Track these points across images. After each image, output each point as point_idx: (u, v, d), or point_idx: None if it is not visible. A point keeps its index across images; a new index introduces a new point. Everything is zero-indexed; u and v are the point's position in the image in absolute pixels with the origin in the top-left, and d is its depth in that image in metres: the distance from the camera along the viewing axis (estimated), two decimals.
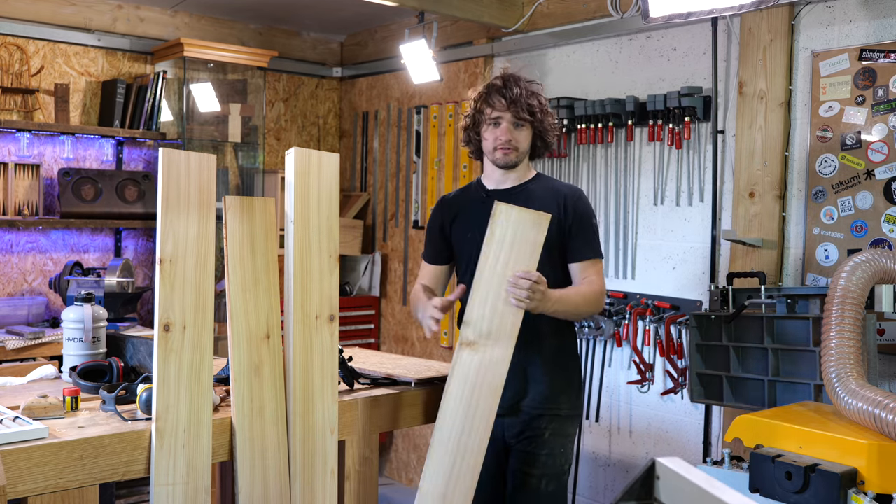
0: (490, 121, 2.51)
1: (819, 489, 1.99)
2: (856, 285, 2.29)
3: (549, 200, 2.50)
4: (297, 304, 2.21)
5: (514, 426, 2.52)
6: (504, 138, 2.49)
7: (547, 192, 2.54)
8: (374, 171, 5.14)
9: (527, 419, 2.50)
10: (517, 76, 2.52)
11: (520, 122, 2.49)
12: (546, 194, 2.53)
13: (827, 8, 3.12)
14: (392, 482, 4.94)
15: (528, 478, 2.49)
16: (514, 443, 2.53)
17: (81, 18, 4.36)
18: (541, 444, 2.49)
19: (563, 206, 2.51)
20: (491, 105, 2.50)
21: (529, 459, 2.50)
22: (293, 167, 2.22)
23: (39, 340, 3.71)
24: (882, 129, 2.96)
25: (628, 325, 3.66)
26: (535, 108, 2.49)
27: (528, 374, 2.51)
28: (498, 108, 2.48)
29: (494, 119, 2.50)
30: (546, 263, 2.42)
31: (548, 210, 2.42)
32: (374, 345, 5.03)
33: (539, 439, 2.49)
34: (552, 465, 2.50)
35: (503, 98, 2.47)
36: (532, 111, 2.48)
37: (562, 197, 2.53)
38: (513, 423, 2.52)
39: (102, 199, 4.24)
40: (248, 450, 2.12)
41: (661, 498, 1.13)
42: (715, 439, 3.39)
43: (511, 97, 2.46)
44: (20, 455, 1.80)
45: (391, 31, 4.96)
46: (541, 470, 2.49)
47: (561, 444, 2.52)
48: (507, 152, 2.50)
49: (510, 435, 2.53)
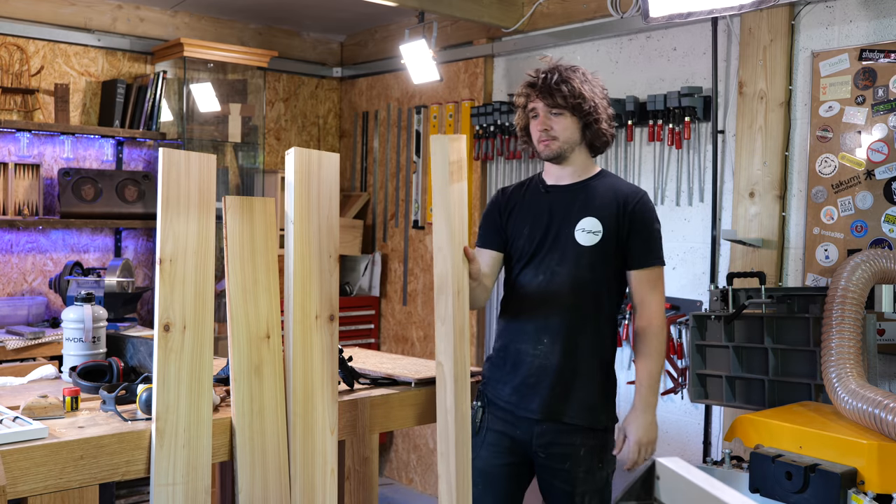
0: (531, 115, 2.42)
1: (819, 489, 1.99)
2: (856, 285, 2.29)
3: (609, 200, 2.37)
4: (297, 304, 2.21)
5: (544, 434, 2.36)
6: (541, 127, 2.38)
7: (608, 191, 2.39)
8: (374, 171, 5.14)
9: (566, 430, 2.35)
10: (556, 66, 2.41)
11: (556, 111, 2.37)
12: (607, 193, 2.39)
13: (827, 8, 3.12)
14: (392, 482, 4.94)
15: (570, 496, 2.37)
16: (544, 454, 2.38)
17: (81, 18, 4.36)
18: (578, 461, 2.35)
19: (622, 207, 2.36)
20: (528, 98, 2.41)
21: (566, 477, 2.36)
22: (293, 167, 2.22)
23: (39, 340, 3.71)
24: (882, 129, 2.96)
25: (628, 325, 3.66)
26: (566, 93, 2.34)
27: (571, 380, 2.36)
28: (532, 100, 2.40)
29: (532, 112, 2.41)
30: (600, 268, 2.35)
31: (606, 211, 2.34)
32: (374, 345, 5.03)
33: (576, 457, 2.35)
34: (591, 480, 2.37)
35: (535, 89, 2.38)
36: (563, 96, 2.33)
37: (622, 197, 2.37)
38: (544, 430, 2.36)
39: (102, 199, 4.24)
40: (248, 450, 2.12)
41: (661, 498, 1.13)
42: (715, 439, 3.39)
43: (541, 86, 2.37)
44: (20, 455, 1.80)
45: (391, 31, 4.96)
46: (582, 487, 2.36)
47: (599, 458, 2.39)
48: (547, 143, 2.38)
49: (539, 444, 2.37)
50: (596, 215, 2.36)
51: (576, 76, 2.38)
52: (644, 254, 2.37)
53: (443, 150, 2.16)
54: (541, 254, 2.39)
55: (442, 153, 2.16)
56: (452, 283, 2.12)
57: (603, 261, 2.35)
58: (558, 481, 2.38)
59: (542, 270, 2.38)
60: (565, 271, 2.35)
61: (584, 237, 2.35)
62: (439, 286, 2.14)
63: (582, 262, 2.34)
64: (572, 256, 2.35)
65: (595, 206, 2.36)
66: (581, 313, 2.36)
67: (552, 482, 2.40)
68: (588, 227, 2.35)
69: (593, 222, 2.35)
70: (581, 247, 2.34)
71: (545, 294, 2.37)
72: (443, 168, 2.16)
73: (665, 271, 3.53)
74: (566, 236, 2.36)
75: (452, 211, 2.17)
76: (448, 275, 2.11)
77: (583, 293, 2.35)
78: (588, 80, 2.41)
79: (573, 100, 2.35)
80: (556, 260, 2.36)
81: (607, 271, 2.37)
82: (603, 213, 2.36)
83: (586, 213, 2.36)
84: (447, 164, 2.15)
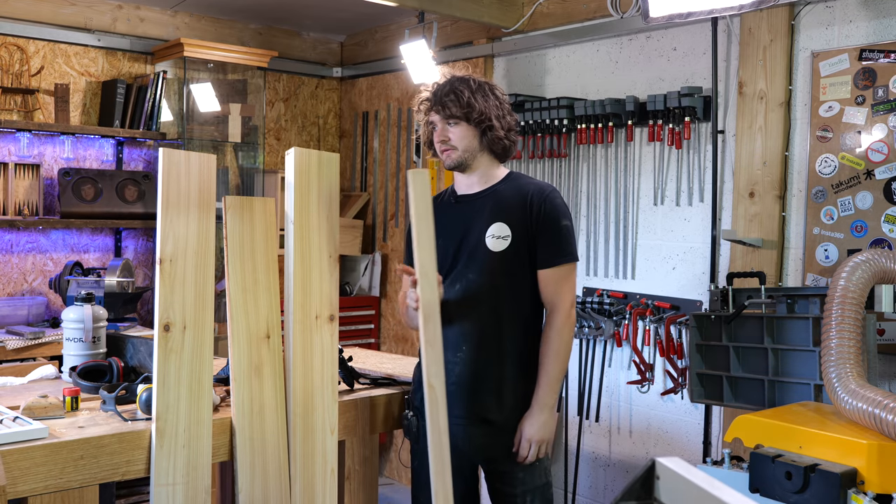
0: (430, 128, 2.44)
1: (819, 489, 1.99)
2: (856, 285, 2.29)
3: (516, 202, 2.38)
4: (297, 304, 2.21)
5: (478, 437, 2.38)
6: (438, 139, 2.40)
7: (515, 194, 2.40)
8: (374, 171, 5.14)
9: (495, 431, 2.38)
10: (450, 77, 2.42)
11: (452, 121, 2.38)
12: (514, 196, 2.39)
13: (827, 8, 3.12)
14: (392, 482, 4.94)
15: (511, 498, 2.39)
16: (482, 458, 2.43)
17: (81, 18, 4.36)
18: (514, 462, 2.37)
19: (528, 207, 2.36)
20: (427, 113, 2.43)
21: (507, 478, 2.39)
22: (293, 167, 2.22)
23: (39, 340, 3.71)
24: (882, 129, 2.96)
25: (628, 325, 3.66)
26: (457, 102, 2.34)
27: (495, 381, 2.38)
28: (429, 114, 2.42)
29: (431, 124, 2.43)
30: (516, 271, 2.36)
31: (515, 214, 2.35)
32: (374, 345, 5.03)
33: (511, 457, 2.37)
34: (531, 481, 2.39)
35: (429, 101, 2.40)
36: (456, 105, 2.34)
37: (528, 197, 2.37)
38: (477, 433, 2.38)
39: (102, 199, 4.24)
40: (248, 450, 2.12)
41: (661, 498, 1.13)
42: (715, 439, 3.39)
43: (434, 98, 2.39)
44: (20, 455, 1.81)
45: (391, 31, 4.96)
46: (521, 487, 2.38)
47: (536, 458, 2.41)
48: (448, 152, 2.39)
49: (474, 447, 2.39)
50: (504, 220, 2.37)
51: (466, 86, 2.38)
52: (550, 253, 2.37)
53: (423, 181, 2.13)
54: (458, 265, 2.40)
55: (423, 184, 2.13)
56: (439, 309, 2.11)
57: (517, 264, 2.36)
58: (500, 484, 2.41)
59: (459, 280, 2.39)
60: (480, 279, 2.37)
61: (494, 243, 2.36)
62: (426, 313, 2.13)
63: (495, 268, 2.36)
64: (485, 263, 2.36)
65: (503, 210, 2.37)
66: (499, 318, 2.37)
67: (494, 485, 2.43)
68: (496, 233, 2.37)
69: (501, 227, 2.36)
70: (492, 253, 2.36)
71: (462, 303, 2.38)
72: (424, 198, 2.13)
73: (665, 271, 3.50)
74: (477, 244, 2.38)
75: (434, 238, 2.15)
76: (434, 302, 2.11)
77: (499, 298, 2.37)
78: (481, 89, 2.40)
79: (465, 109, 2.36)
80: (470, 269, 2.38)
81: (524, 273, 2.38)
82: (511, 216, 2.37)
83: (495, 219, 2.38)
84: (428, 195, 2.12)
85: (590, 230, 3.88)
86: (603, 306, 3.75)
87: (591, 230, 3.88)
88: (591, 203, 3.88)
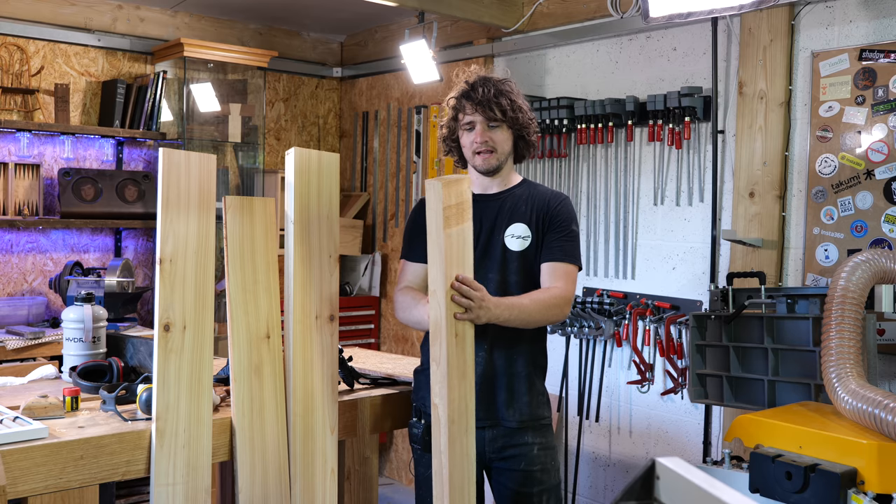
0: (465, 126, 2.44)
1: (819, 489, 1.99)
2: (856, 285, 2.29)
3: (534, 206, 2.43)
4: (297, 304, 2.21)
5: (496, 439, 2.37)
6: (480, 140, 2.41)
7: (532, 198, 2.45)
8: (374, 171, 5.14)
9: (511, 432, 2.37)
10: (486, 77, 2.44)
11: (493, 124, 2.41)
12: (532, 199, 2.45)
13: (827, 8, 3.12)
14: (392, 482, 4.94)
15: (528, 497, 2.38)
16: (499, 459, 2.39)
17: (81, 18, 4.36)
18: (532, 461, 2.38)
19: (545, 209, 2.42)
20: (462, 110, 2.43)
21: (524, 479, 2.38)
22: (293, 167, 2.22)
23: (39, 340, 3.71)
24: (882, 129, 2.96)
25: (628, 325, 3.66)
26: (506, 107, 2.38)
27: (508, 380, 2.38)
28: (469, 113, 2.42)
29: (468, 124, 2.43)
30: (531, 272, 2.39)
31: (533, 216, 2.38)
32: (374, 345, 5.03)
33: (530, 456, 2.37)
34: (547, 480, 2.40)
35: (472, 101, 2.40)
36: (503, 110, 2.38)
37: (545, 201, 2.44)
38: (494, 435, 2.37)
39: (102, 199, 4.24)
40: (248, 450, 2.12)
41: (661, 498, 1.12)
42: (715, 439, 3.39)
43: (479, 99, 2.39)
44: (20, 455, 1.81)
45: (391, 31, 4.96)
46: (538, 487, 2.38)
47: (551, 456, 2.42)
48: (487, 156, 2.41)
49: (493, 449, 2.38)
50: (524, 221, 2.41)
51: (512, 89, 2.43)
52: (555, 250, 2.39)
53: (437, 194, 2.13)
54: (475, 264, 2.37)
55: (436, 198, 2.13)
56: (446, 327, 2.10)
57: (533, 265, 2.40)
58: (516, 484, 2.39)
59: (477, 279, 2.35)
60: (497, 277, 2.38)
61: (514, 243, 2.40)
62: (434, 332, 2.12)
63: (512, 268, 2.39)
64: (503, 262, 2.39)
65: (522, 212, 2.40)
66: None
67: (509, 486, 2.40)
68: (518, 233, 2.40)
69: (522, 228, 2.41)
70: (511, 252, 2.39)
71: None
72: (437, 213, 2.13)
73: (665, 271, 3.50)
74: (496, 243, 2.40)
75: (449, 255, 2.13)
76: (442, 320, 2.10)
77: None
78: (519, 93, 2.46)
79: (512, 113, 2.40)
80: (487, 267, 2.39)
81: (538, 274, 2.41)
82: (530, 218, 2.41)
83: (515, 220, 2.41)
84: (441, 209, 2.12)
85: (590, 230, 3.88)
86: (603, 306, 3.76)
87: (591, 230, 3.88)
88: (591, 203, 3.88)
